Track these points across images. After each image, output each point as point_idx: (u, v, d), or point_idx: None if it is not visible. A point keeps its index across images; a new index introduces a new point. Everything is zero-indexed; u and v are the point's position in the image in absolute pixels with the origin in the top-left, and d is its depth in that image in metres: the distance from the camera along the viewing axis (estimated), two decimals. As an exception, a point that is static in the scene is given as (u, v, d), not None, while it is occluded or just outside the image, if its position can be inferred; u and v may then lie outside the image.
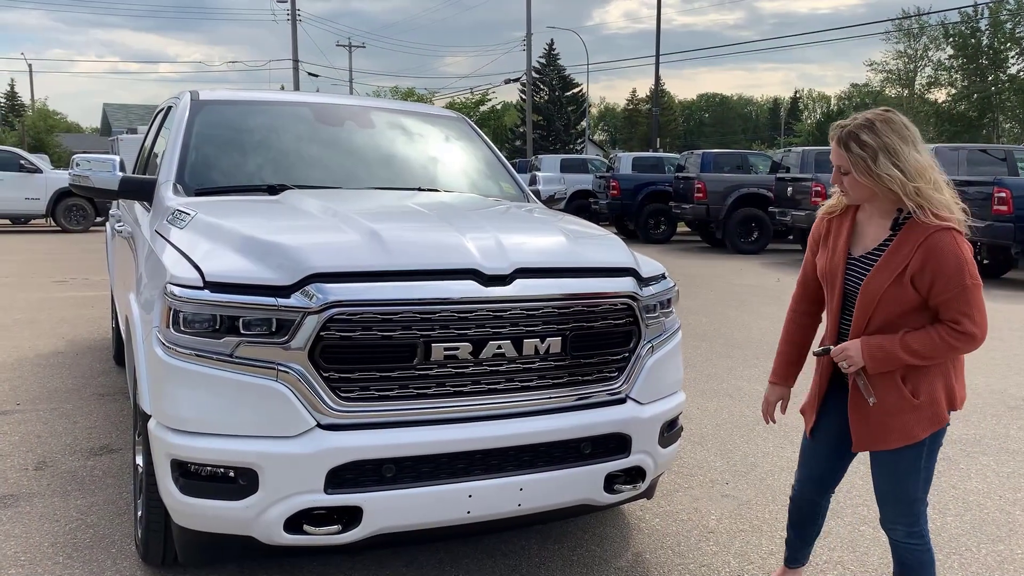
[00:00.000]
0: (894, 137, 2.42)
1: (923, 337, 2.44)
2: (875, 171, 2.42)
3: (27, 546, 3.41)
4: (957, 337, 2.42)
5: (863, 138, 2.43)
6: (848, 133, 2.47)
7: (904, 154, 2.41)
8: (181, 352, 2.69)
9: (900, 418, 2.52)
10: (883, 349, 2.46)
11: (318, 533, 2.67)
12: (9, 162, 19.86)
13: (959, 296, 2.40)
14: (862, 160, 2.43)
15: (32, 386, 5.88)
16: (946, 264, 2.38)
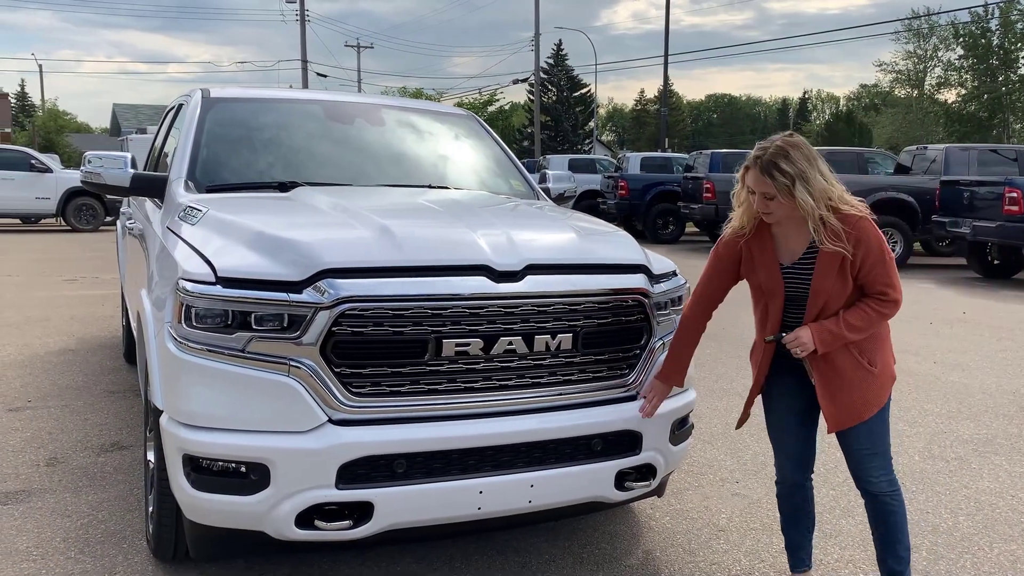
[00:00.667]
0: (804, 163, 2.68)
1: (859, 313, 2.76)
2: (797, 196, 2.66)
3: (39, 541, 3.42)
4: (885, 305, 2.77)
5: (782, 166, 2.66)
6: (768, 162, 2.69)
7: (813, 179, 2.67)
8: (193, 347, 2.70)
9: (868, 390, 2.82)
10: (830, 332, 2.75)
11: (329, 528, 2.67)
12: (20, 162, 19.94)
13: (883, 270, 2.75)
14: (785, 187, 2.67)
15: (43, 383, 5.90)
16: (872, 243, 2.72)
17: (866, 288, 2.78)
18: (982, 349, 7.82)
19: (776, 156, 2.68)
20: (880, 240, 2.75)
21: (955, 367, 7.05)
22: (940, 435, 5.16)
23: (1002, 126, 45.17)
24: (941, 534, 3.71)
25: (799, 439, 3.00)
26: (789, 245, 2.82)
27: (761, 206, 2.75)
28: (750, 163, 2.74)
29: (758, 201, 2.74)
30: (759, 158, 2.71)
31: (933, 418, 5.53)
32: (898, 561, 2.93)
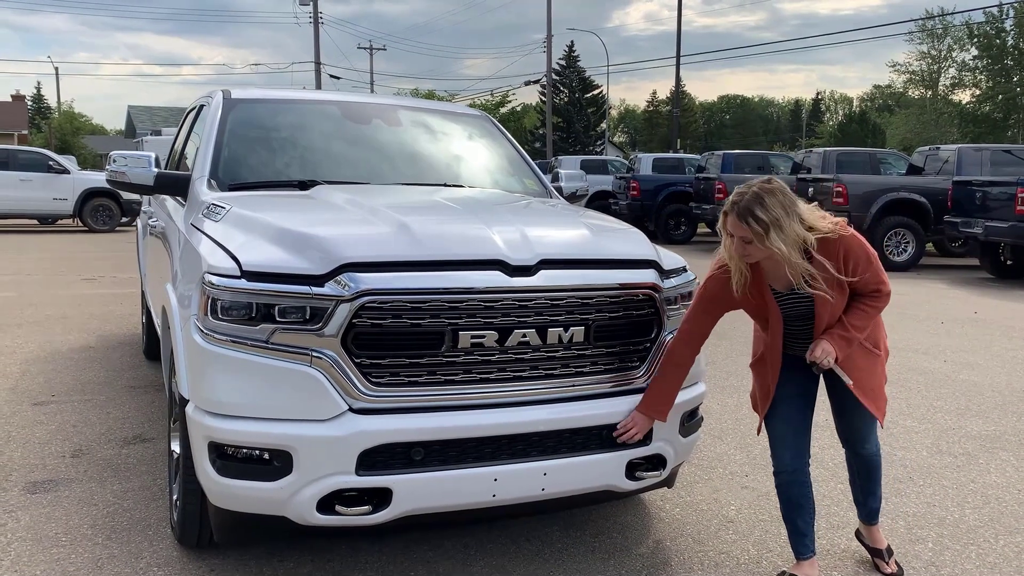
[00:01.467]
0: (779, 210, 2.83)
1: (859, 314, 3.01)
2: (768, 244, 2.83)
3: (67, 528, 3.53)
4: (879, 300, 3.04)
5: (758, 214, 2.82)
6: (744, 208, 2.84)
7: (787, 227, 2.82)
8: (219, 339, 2.79)
9: (881, 371, 3.18)
10: (844, 338, 2.99)
11: (349, 513, 2.76)
12: (38, 163, 20.19)
13: (872, 272, 2.99)
14: (760, 234, 2.82)
15: (66, 378, 6.03)
16: (859, 254, 2.96)
17: (860, 290, 3.01)
18: (992, 348, 7.85)
19: (752, 203, 2.83)
20: (863, 246, 2.98)
21: (965, 365, 7.09)
22: (948, 431, 5.21)
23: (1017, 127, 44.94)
24: (947, 526, 3.77)
25: (798, 428, 3.14)
26: (782, 275, 2.97)
27: (739, 249, 2.91)
28: (728, 208, 2.90)
29: (736, 244, 2.90)
30: (736, 203, 2.87)
31: (942, 415, 5.58)
32: (876, 500, 3.37)
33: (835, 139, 60.83)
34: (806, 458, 3.16)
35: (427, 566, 3.26)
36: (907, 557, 3.45)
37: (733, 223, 2.88)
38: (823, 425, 5.19)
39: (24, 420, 5.01)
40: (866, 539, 3.43)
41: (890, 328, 9.26)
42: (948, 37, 48.29)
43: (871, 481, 3.34)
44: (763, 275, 3.01)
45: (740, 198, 2.87)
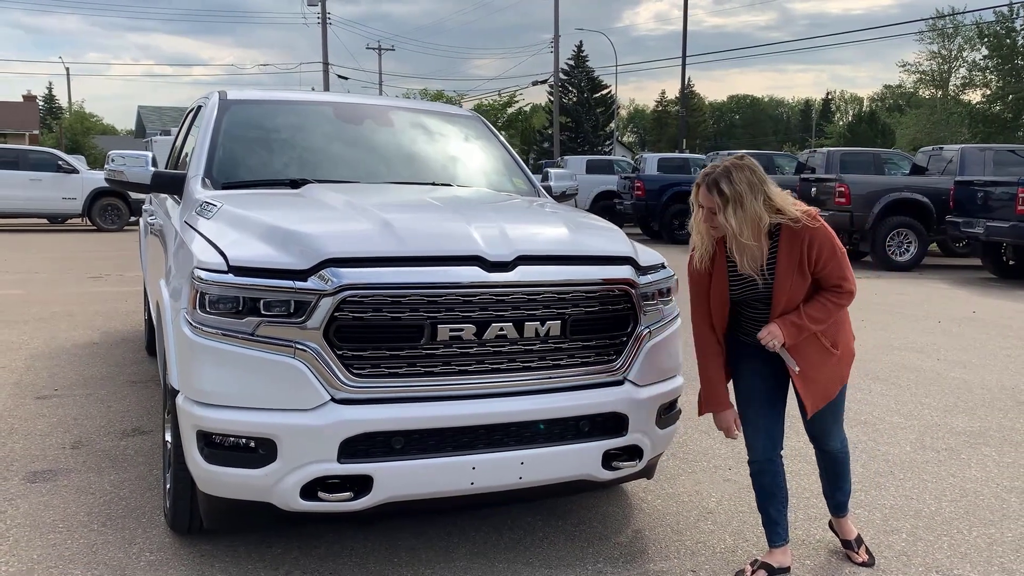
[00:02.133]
0: (744, 186, 2.94)
1: (818, 306, 3.07)
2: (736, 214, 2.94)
3: (65, 515, 3.65)
4: (841, 296, 3.09)
5: (722, 187, 2.95)
6: (713, 181, 2.98)
7: (747, 204, 2.94)
8: (207, 331, 2.90)
9: (833, 370, 3.17)
10: (795, 325, 3.06)
11: (332, 500, 2.87)
12: (47, 163, 20.40)
13: (836, 265, 3.05)
14: (720, 206, 2.96)
15: (69, 373, 6.16)
16: (824, 243, 3.02)
17: (822, 283, 3.09)
18: (987, 347, 7.91)
19: (720, 176, 2.96)
20: (830, 238, 3.04)
21: (957, 364, 7.15)
22: (934, 427, 5.29)
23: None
24: (923, 518, 3.85)
25: (768, 417, 3.22)
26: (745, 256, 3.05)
27: (708, 219, 3.03)
28: (700, 179, 3.04)
29: (705, 215, 3.03)
30: (707, 175, 3.00)
31: (929, 411, 5.66)
32: (843, 494, 3.44)
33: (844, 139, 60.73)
34: (779, 448, 3.25)
35: (410, 553, 3.36)
36: (880, 547, 3.54)
37: (703, 194, 3.01)
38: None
39: (27, 413, 5.14)
40: (836, 531, 3.52)
41: (886, 327, 9.31)
42: (958, 37, 48.14)
43: (838, 477, 3.42)
44: (723, 255, 3.11)
45: (712, 170, 3.00)
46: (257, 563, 3.25)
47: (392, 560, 3.30)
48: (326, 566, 3.24)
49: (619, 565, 3.33)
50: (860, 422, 5.36)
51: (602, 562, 3.35)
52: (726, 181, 2.94)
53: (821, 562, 3.41)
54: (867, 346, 7.77)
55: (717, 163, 3.03)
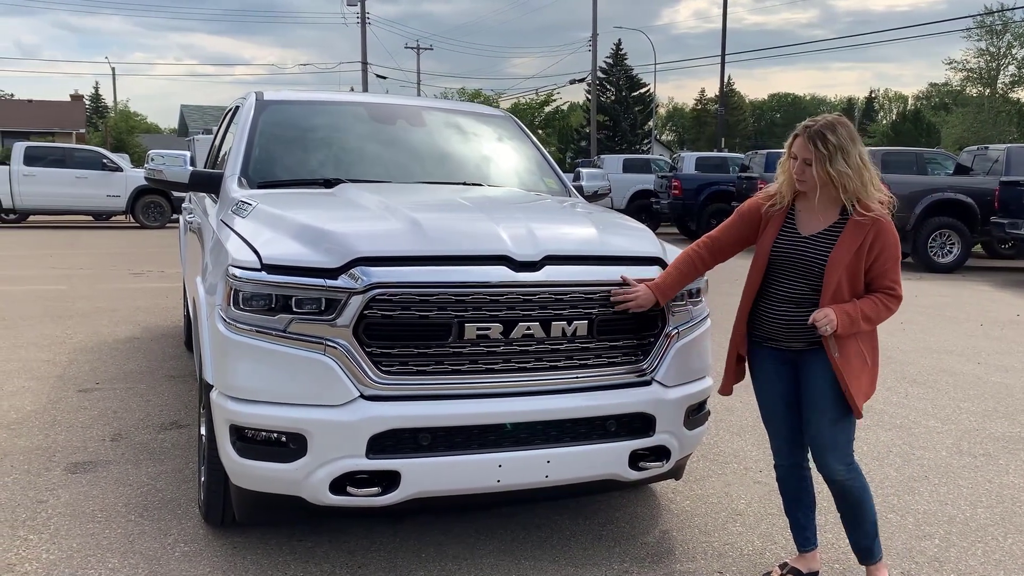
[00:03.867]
0: (847, 141, 2.91)
1: (871, 304, 2.96)
2: (832, 167, 2.90)
3: (103, 505, 3.75)
4: (892, 301, 3.00)
5: (828, 137, 2.90)
6: (816, 132, 2.92)
7: (852, 156, 2.91)
8: (241, 328, 2.96)
9: (864, 379, 3.02)
10: (849, 316, 2.92)
11: (360, 495, 2.91)
12: (93, 161, 20.86)
13: (894, 267, 2.99)
14: (824, 156, 2.90)
15: (110, 367, 6.31)
16: (889, 242, 2.97)
17: (875, 282, 2.98)
18: (1029, 351, 7.75)
19: (825, 128, 2.91)
20: (896, 239, 2.99)
21: (998, 368, 7.02)
22: (971, 432, 5.20)
23: (1077, 126, 43.63)
24: (956, 524, 3.80)
25: (788, 423, 3.15)
26: (812, 219, 3.02)
27: (798, 171, 2.97)
28: (800, 131, 2.98)
29: (797, 166, 2.97)
30: (809, 127, 2.95)
31: (967, 416, 5.56)
32: (865, 536, 3.12)
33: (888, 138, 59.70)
34: (804, 453, 3.21)
35: (437, 549, 3.40)
36: (912, 553, 3.50)
37: (800, 145, 2.96)
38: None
39: (69, 405, 5.28)
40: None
41: (926, 329, 9.20)
42: (1007, 34, 47.04)
43: (852, 513, 3.10)
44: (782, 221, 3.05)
45: (813, 123, 2.96)
46: (287, 556, 3.31)
47: (419, 556, 3.34)
48: (355, 560, 3.29)
49: (645, 565, 3.33)
50: (895, 426, 5.29)
51: (628, 562, 3.36)
52: (832, 132, 2.90)
53: (851, 565, 3.37)
54: (905, 349, 7.67)
55: (818, 117, 2.99)
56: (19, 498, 3.81)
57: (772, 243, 3.06)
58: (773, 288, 3.07)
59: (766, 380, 3.16)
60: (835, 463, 3.02)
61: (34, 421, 4.94)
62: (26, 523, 3.55)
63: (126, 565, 3.21)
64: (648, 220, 21.37)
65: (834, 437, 3.01)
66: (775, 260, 3.05)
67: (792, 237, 3.03)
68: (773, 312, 3.06)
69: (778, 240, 3.05)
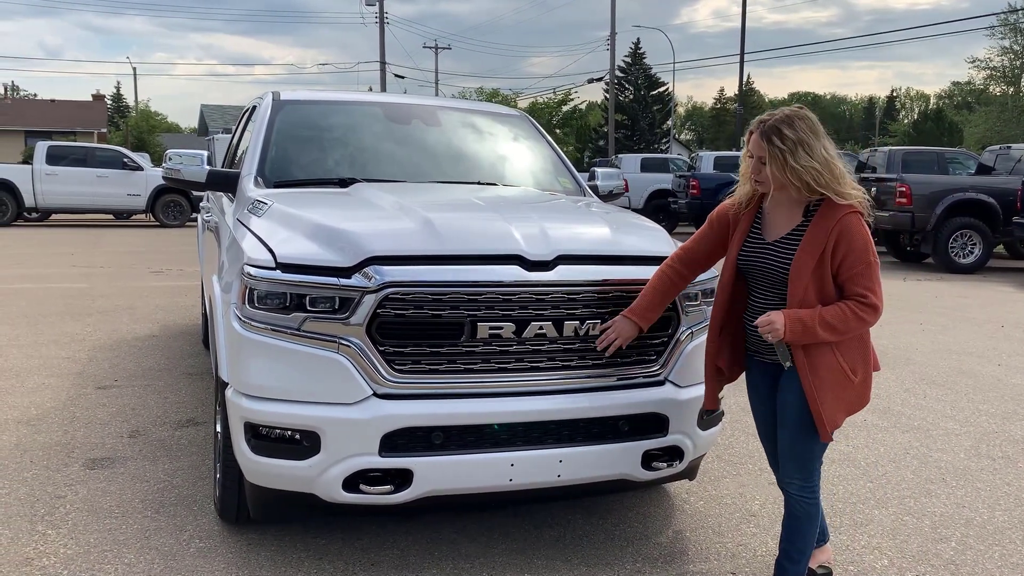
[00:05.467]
0: (808, 133, 2.72)
1: (836, 311, 2.70)
2: (792, 163, 2.70)
3: (121, 501, 3.79)
4: (863, 310, 2.71)
5: (784, 132, 2.72)
6: (770, 127, 2.74)
7: (816, 149, 2.71)
8: (255, 326, 2.99)
9: (842, 394, 2.79)
10: (802, 322, 2.70)
11: (373, 492, 2.93)
12: (113, 160, 21.07)
13: (865, 271, 2.71)
14: (780, 153, 2.71)
15: (129, 365, 6.37)
16: (855, 242, 2.70)
17: (845, 289, 2.74)
18: (1051, 352, 7.66)
19: (780, 123, 2.73)
20: (865, 239, 2.72)
21: (1019, 370, 6.94)
22: (991, 435, 5.15)
23: (1102, 125, 43.02)
24: (974, 527, 3.76)
25: (773, 438, 3.04)
26: (776, 221, 2.86)
27: (754, 170, 2.81)
28: (754, 127, 2.80)
29: (753, 164, 2.81)
30: (764, 122, 2.77)
31: (986, 418, 5.51)
32: (788, 560, 2.98)
33: (909, 138, 59.20)
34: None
35: (451, 546, 3.41)
36: (928, 556, 3.47)
37: (755, 142, 2.78)
38: (859, 424, 5.20)
39: (88, 402, 5.33)
40: None
41: (945, 330, 9.11)
42: (1031, 31, 46.46)
43: (787, 530, 2.98)
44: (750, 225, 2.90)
45: (769, 117, 2.77)
46: (301, 553, 3.32)
47: (432, 553, 3.35)
48: (368, 557, 3.31)
49: (658, 565, 3.33)
50: (912, 427, 5.25)
51: (641, 561, 3.35)
52: (788, 127, 2.70)
53: (865, 568, 3.35)
54: (924, 350, 7.60)
55: (774, 111, 2.78)
56: (38, 493, 3.86)
57: (738, 251, 2.92)
58: (750, 298, 2.95)
59: (755, 395, 3.07)
60: (792, 475, 2.90)
61: (53, 417, 5.00)
62: (45, 518, 3.60)
63: (142, 560, 3.24)
64: (666, 220, 21.31)
65: (794, 450, 2.87)
66: (743, 269, 2.92)
67: (757, 243, 2.88)
68: (751, 324, 2.91)
69: (744, 247, 2.91)
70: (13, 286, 10.24)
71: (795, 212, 2.84)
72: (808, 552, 3.00)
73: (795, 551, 2.97)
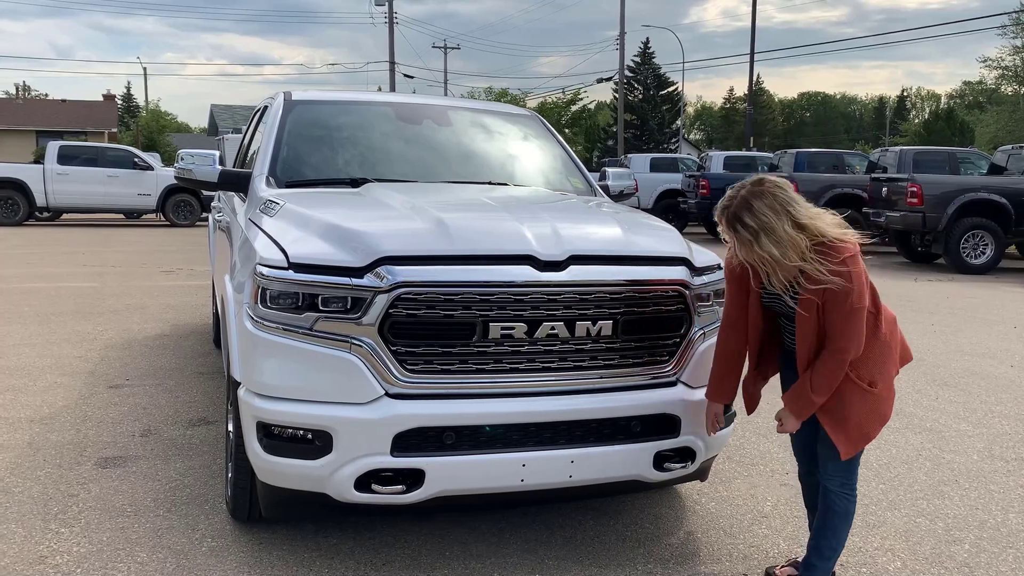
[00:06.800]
0: (769, 215, 2.68)
1: (820, 370, 2.77)
2: (757, 250, 2.71)
3: (133, 500, 3.80)
4: (834, 356, 2.74)
5: (745, 220, 2.72)
6: (732, 215, 2.74)
7: (778, 230, 2.67)
8: (268, 326, 2.99)
9: (872, 409, 2.86)
10: (801, 399, 2.83)
11: (385, 492, 2.93)
12: (124, 160, 21.14)
13: (841, 323, 2.72)
14: (746, 241, 2.73)
15: (140, 364, 6.39)
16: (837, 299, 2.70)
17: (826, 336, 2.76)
18: (1064, 354, 7.61)
19: (740, 208, 2.73)
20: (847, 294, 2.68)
21: (1032, 371, 6.90)
22: (1004, 436, 5.12)
23: (1115, 125, 42.71)
24: (988, 529, 3.74)
25: (806, 434, 3.09)
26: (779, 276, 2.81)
27: (743, 254, 2.80)
28: (719, 213, 2.81)
29: (739, 250, 2.81)
30: (726, 208, 2.77)
31: (1000, 419, 5.48)
32: (818, 555, 3.02)
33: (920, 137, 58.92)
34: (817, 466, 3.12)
35: (462, 547, 3.41)
36: (941, 558, 3.45)
37: (723, 230, 2.81)
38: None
39: (100, 401, 5.35)
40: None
41: (958, 331, 9.06)
42: (1043, 31, 46.15)
43: (823, 526, 3.02)
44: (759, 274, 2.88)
45: (730, 202, 2.76)
46: (313, 552, 3.33)
47: (444, 553, 3.35)
48: (379, 557, 3.31)
49: (669, 566, 3.32)
50: (925, 429, 5.22)
51: (653, 562, 3.34)
52: (748, 213, 2.69)
53: (878, 570, 3.34)
54: (935, 351, 7.57)
55: (733, 192, 2.77)
56: (51, 492, 3.87)
57: (758, 297, 2.96)
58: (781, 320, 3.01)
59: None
60: (833, 473, 2.96)
61: (66, 416, 5.02)
62: (57, 516, 3.61)
63: (155, 559, 3.25)
64: (675, 220, 21.26)
65: (836, 458, 2.92)
66: (764, 309, 2.97)
67: (767, 291, 2.90)
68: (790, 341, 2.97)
69: (762, 296, 2.95)
70: (25, 285, 10.30)
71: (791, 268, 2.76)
72: (839, 551, 3.04)
73: (827, 548, 3.01)
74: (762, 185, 2.75)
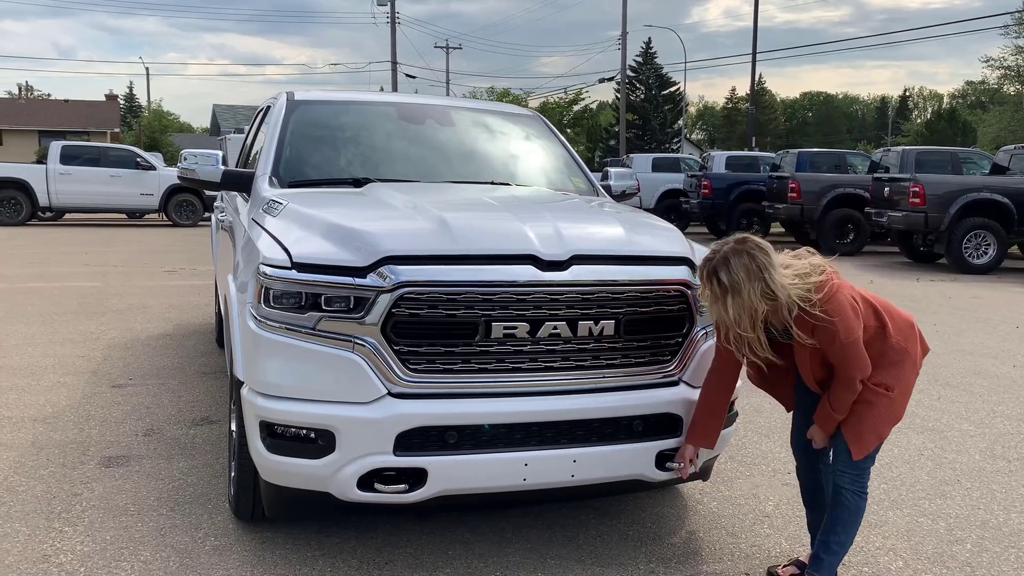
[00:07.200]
0: (741, 277, 2.74)
1: (835, 396, 2.91)
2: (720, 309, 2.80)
3: (136, 499, 3.81)
4: (841, 382, 2.88)
5: (720, 277, 2.78)
6: (711, 270, 2.81)
7: (744, 294, 2.74)
8: (271, 325, 3.00)
9: (885, 410, 2.95)
10: (825, 421, 2.97)
11: (387, 491, 2.94)
12: (127, 160, 21.15)
13: (842, 357, 2.84)
14: (717, 298, 2.80)
15: (143, 363, 6.40)
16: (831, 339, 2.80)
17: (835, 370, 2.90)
18: (1066, 354, 7.61)
19: (719, 264, 2.80)
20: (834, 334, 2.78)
21: (1034, 371, 6.90)
22: (1006, 436, 5.12)
23: (1118, 124, 42.64)
24: (989, 529, 3.74)
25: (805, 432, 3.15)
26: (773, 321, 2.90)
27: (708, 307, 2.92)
28: (701, 265, 2.89)
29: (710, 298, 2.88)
30: (708, 261, 2.85)
31: (1002, 420, 5.48)
32: (826, 548, 3.04)
33: (922, 137, 58.86)
34: (820, 456, 3.16)
35: (464, 546, 3.41)
36: (943, 558, 3.45)
37: (703, 283, 2.88)
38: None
39: (103, 401, 5.37)
40: None
41: (960, 331, 9.06)
42: (1046, 31, 46.08)
43: (832, 517, 3.05)
44: None
45: (713, 256, 2.85)
46: (316, 551, 3.34)
47: (446, 552, 3.36)
48: (382, 556, 3.32)
49: (672, 566, 3.33)
50: (927, 429, 5.22)
51: (655, 562, 3.35)
52: (724, 270, 2.77)
53: (880, 569, 3.34)
54: (938, 351, 7.56)
55: (717, 247, 2.85)
56: (54, 491, 3.88)
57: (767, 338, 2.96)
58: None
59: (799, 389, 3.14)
60: (845, 470, 3.00)
61: (69, 416, 5.03)
62: (61, 515, 3.62)
63: (158, 558, 3.26)
64: (677, 220, 21.24)
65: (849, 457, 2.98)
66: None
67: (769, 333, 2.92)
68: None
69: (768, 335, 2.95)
70: (28, 285, 10.32)
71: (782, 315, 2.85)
72: (847, 546, 3.06)
73: (835, 543, 3.03)
74: (744, 244, 2.81)
